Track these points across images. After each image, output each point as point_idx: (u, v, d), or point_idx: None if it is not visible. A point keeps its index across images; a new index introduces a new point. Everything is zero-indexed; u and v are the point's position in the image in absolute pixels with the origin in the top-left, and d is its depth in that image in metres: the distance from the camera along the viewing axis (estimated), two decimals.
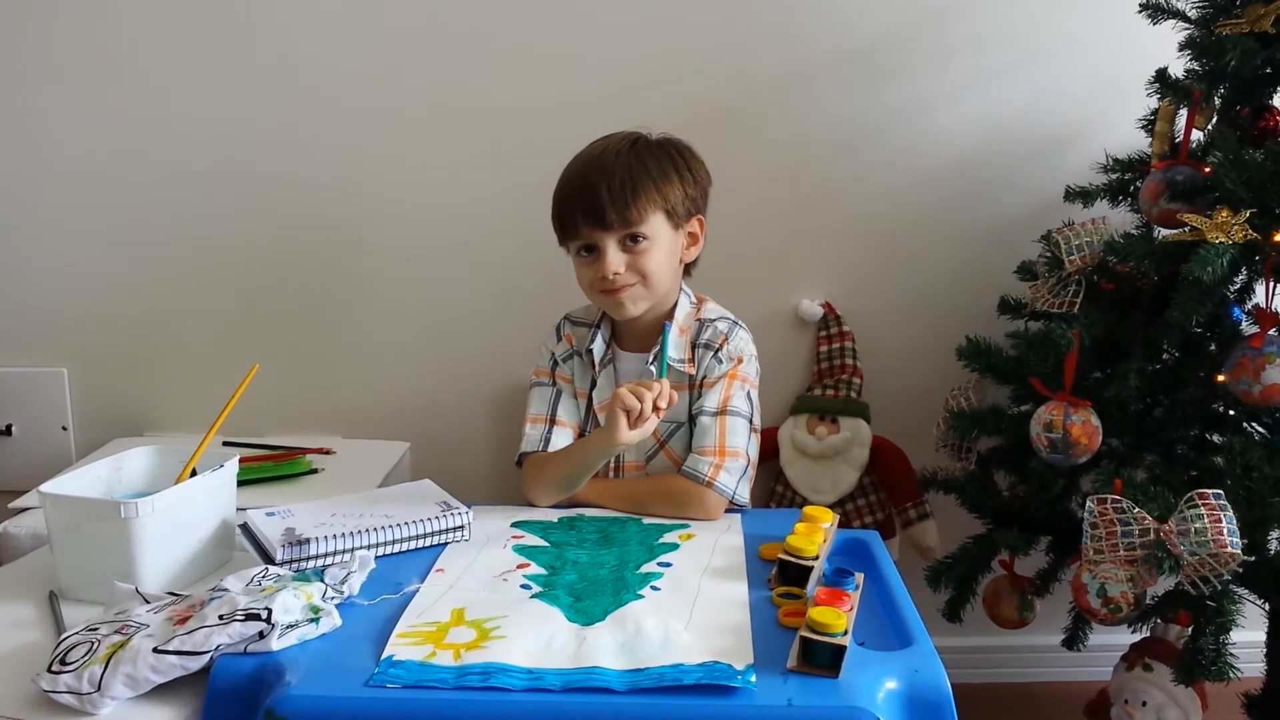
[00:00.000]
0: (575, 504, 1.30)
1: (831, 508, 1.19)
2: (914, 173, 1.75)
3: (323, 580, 0.99)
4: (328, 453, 1.60)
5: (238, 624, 0.89)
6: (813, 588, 1.01)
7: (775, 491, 1.80)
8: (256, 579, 0.98)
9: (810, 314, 1.78)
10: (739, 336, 1.36)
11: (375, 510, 1.17)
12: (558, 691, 0.84)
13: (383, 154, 1.72)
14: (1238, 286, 1.39)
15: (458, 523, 1.16)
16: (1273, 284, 1.30)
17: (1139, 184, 1.48)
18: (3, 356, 1.77)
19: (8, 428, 1.78)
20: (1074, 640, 1.54)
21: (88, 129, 1.70)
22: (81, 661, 0.86)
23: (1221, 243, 1.24)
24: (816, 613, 0.88)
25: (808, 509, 1.13)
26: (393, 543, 1.12)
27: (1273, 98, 1.41)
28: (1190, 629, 1.29)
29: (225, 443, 1.48)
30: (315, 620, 0.93)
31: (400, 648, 0.90)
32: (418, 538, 1.14)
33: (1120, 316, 1.45)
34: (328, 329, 1.79)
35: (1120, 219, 1.54)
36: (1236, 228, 1.25)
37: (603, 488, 1.32)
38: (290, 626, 0.91)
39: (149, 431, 1.79)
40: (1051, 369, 1.41)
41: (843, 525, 1.25)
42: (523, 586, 1.03)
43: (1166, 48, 1.44)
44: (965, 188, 1.76)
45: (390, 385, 1.80)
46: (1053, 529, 1.51)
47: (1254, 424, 1.43)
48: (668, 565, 1.09)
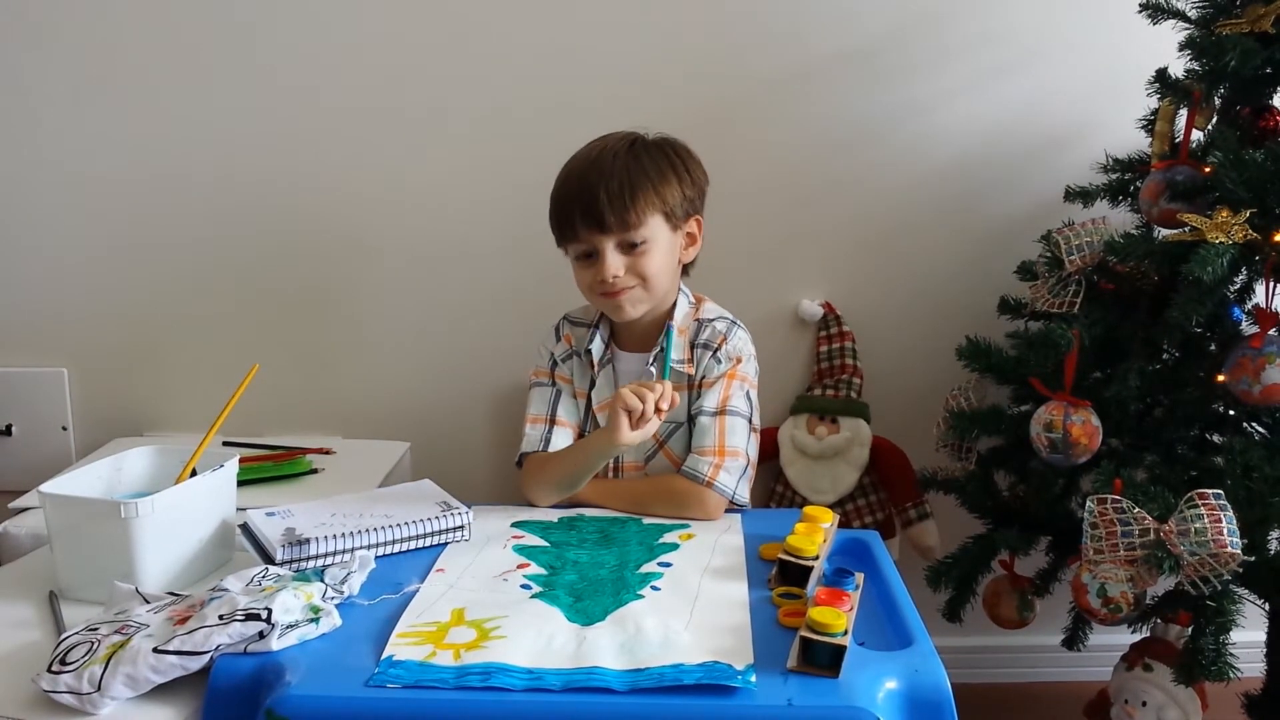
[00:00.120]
0: (575, 504, 1.30)
1: (831, 508, 1.19)
2: (914, 173, 1.75)
3: (323, 580, 0.99)
4: (328, 453, 1.60)
5: (238, 624, 0.89)
6: (813, 588, 1.01)
7: (775, 491, 1.80)
8: (256, 579, 0.98)
9: (810, 314, 1.78)
10: (737, 336, 1.36)
11: (375, 510, 1.17)
12: (558, 691, 0.84)
13: (383, 155, 1.72)
14: (1238, 286, 1.39)
15: (458, 523, 1.16)
16: (1273, 284, 1.30)
17: (1139, 184, 1.48)
18: (3, 356, 1.77)
19: (8, 428, 1.78)
20: (1074, 640, 1.54)
21: (88, 129, 1.70)
22: (81, 661, 0.86)
23: (1221, 243, 1.24)
24: (816, 613, 0.88)
25: (808, 509, 1.13)
26: (393, 543, 1.12)
27: (1273, 98, 1.41)
28: (1190, 629, 1.29)
29: (225, 443, 1.48)
30: (315, 620, 0.93)
31: (400, 648, 0.90)
32: (418, 538, 1.14)
33: (1120, 316, 1.44)
34: (328, 329, 1.79)
35: (1120, 219, 1.54)
36: (1236, 228, 1.25)
37: (602, 488, 1.32)
38: (290, 626, 0.91)
39: (149, 431, 1.79)
40: (1051, 369, 1.41)
41: (843, 525, 1.25)
42: (523, 586, 1.03)
43: (1166, 48, 1.44)
44: (965, 188, 1.76)
45: (390, 385, 1.80)
46: (1053, 529, 1.51)
47: (1254, 424, 1.43)
48: (668, 565, 1.09)
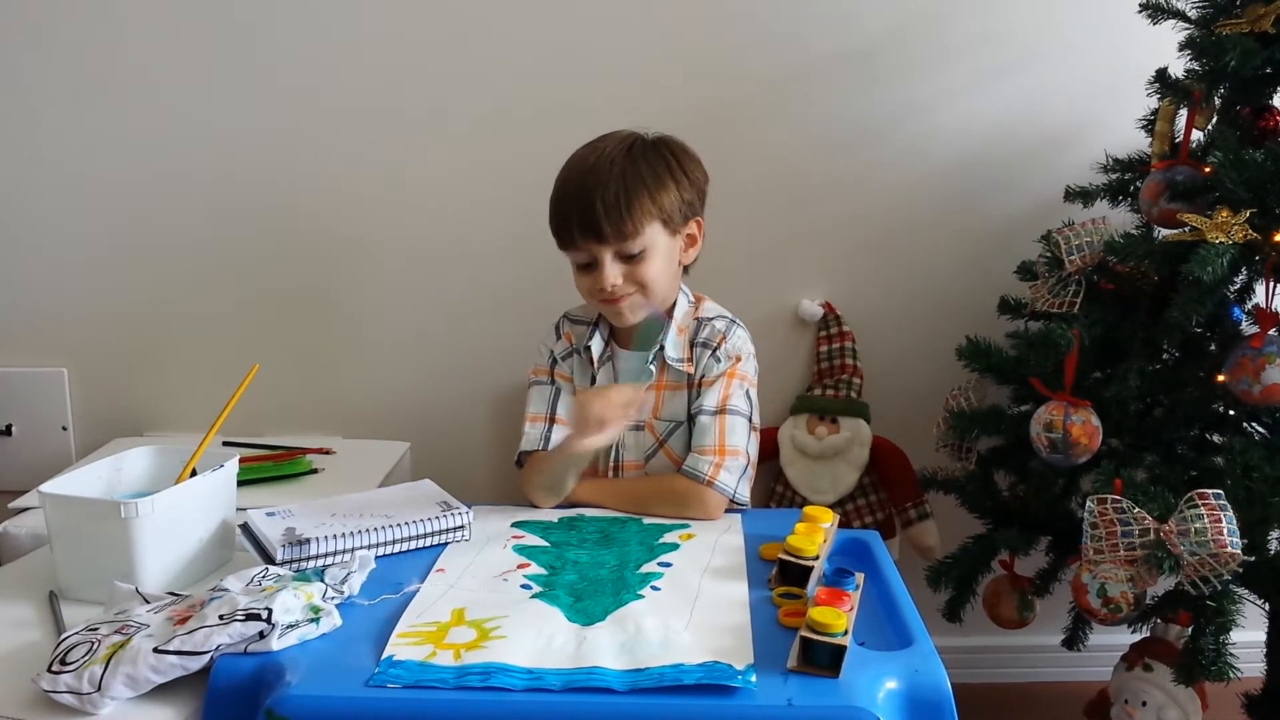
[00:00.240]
0: (575, 504, 1.30)
1: (831, 508, 1.19)
2: (914, 173, 1.75)
3: (323, 580, 0.99)
4: (328, 453, 1.60)
5: (238, 624, 0.88)
6: (813, 588, 1.01)
7: (775, 491, 1.80)
8: (256, 579, 0.98)
9: (810, 314, 1.78)
10: (737, 335, 1.36)
11: (375, 510, 1.16)
12: (558, 691, 0.84)
13: (383, 155, 1.72)
14: (1238, 286, 1.39)
15: (458, 523, 1.16)
16: (1273, 284, 1.30)
17: (1139, 184, 1.48)
18: (3, 356, 1.77)
19: (8, 428, 1.78)
20: (1074, 640, 1.54)
21: (88, 129, 1.70)
22: (82, 661, 0.86)
23: (1221, 243, 1.24)
24: (816, 613, 0.88)
25: (808, 509, 1.13)
26: (393, 543, 1.12)
27: (1273, 98, 1.41)
28: (1190, 629, 1.29)
29: (225, 443, 1.48)
30: (315, 620, 0.93)
31: (400, 648, 0.90)
32: (418, 538, 1.14)
33: (1120, 316, 1.44)
34: (328, 329, 1.79)
35: (1120, 219, 1.54)
36: (1236, 228, 1.25)
37: (602, 488, 1.32)
38: (290, 626, 0.91)
39: (149, 431, 1.79)
40: (1051, 369, 1.41)
41: (843, 525, 1.25)
42: (523, 586, 1.03)
43: (1166, 48, 1.44)
44: (965, 188, 1.76)
45: (390, 385, 1.80)
46: (1053, 529, 1.51)
47: (1254, 424, 1.43)
48: (668, 565, 1.09)
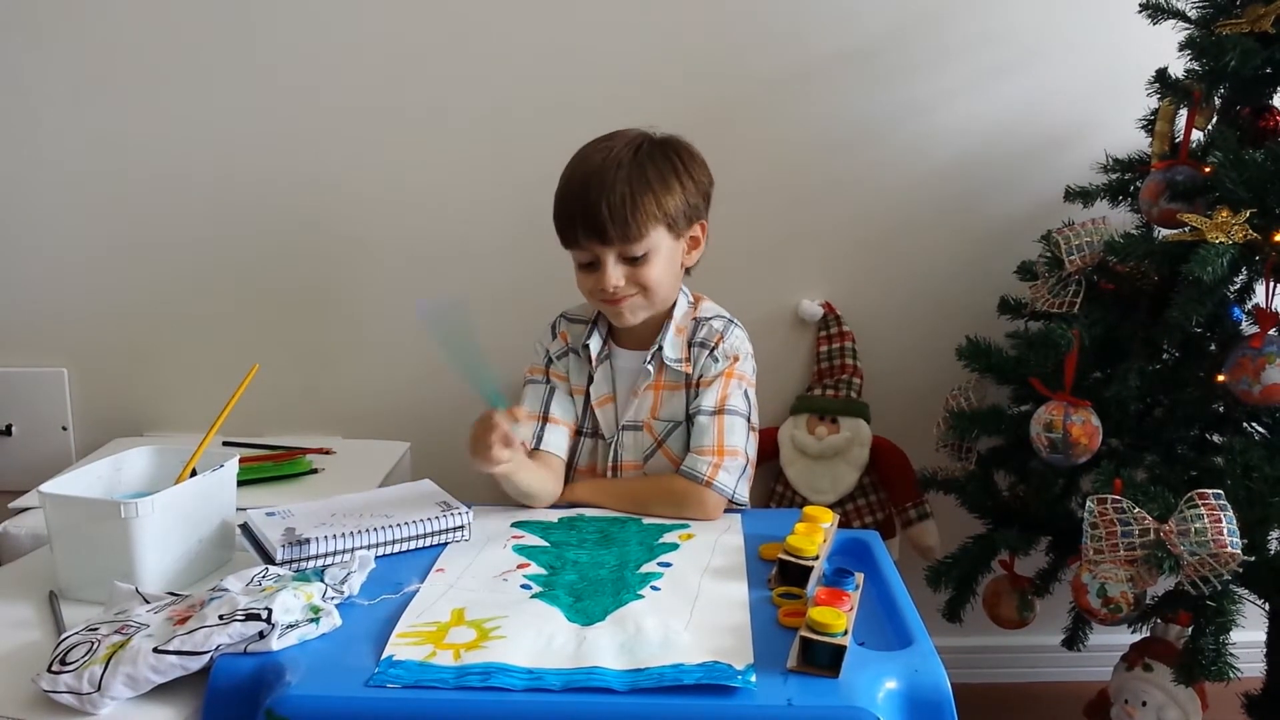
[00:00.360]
0: (575, 504, 1.30)
1: (831, 508, 1.19)
2: (914, 173, 1.75)
3: (323, 580, 0.99)
4: (328, 453, 1.60)
5: (238, 624, 0.88)
6: (813, 588, 1.01)
7: (775, 491, 1.80)
8: (256, 579, 0.98)
9: (810, 314, 1.78)
10: (734, 334, 1.36)
11: (375, 510, 1.16)
12: (558, 691, 0.84)
13: (383, 155, 1.73)
14: (1238, 286, 1.39)
15: (458, 523, 1.16)
16: (1273, 284, 1.30)
17: (1139, 184, 1.48)
18: (3, 356, 1.78)
19: (8, 428, 1.78)
20: (1074, 640, 1.54)
21: (88, 129, 1.71)
22: (81, 661, 0.86)
23: (1221, 243, 1.24)
24: (816, 613, 0.88)
25: (808, 509, 1.13)
26: (393, 543, 1.12)
27: (1273, 98, 1.42)
28: (1190, 629, 1.29)
29: (225, 443, 1.48)
30: (315, 620, 0.93)
31: (400, 648, 0.90)
32: (418, 538, 1.14)
33: (1120, 316, 1.45)
34: (328, 329, 1.79)
35: (1120, 219, 1.54)
36: (1236, 228, 1.25)
37: (602, 488, 1.32)
38: (290, 626, 0.91)
39: (149, 431, 1.79)
40: (1051, 369, 1.41)
41: (843, 525, 1.25)
42: (523, 586, 1.03)
43: (1166, 48, 1.44)
44: (965, 188, 1.76)
45: (390, 385, 1.80)
46: (1053, 529, 1.51)
47: (1254, 424, 1.43)
48: (668, 565, 1.09)
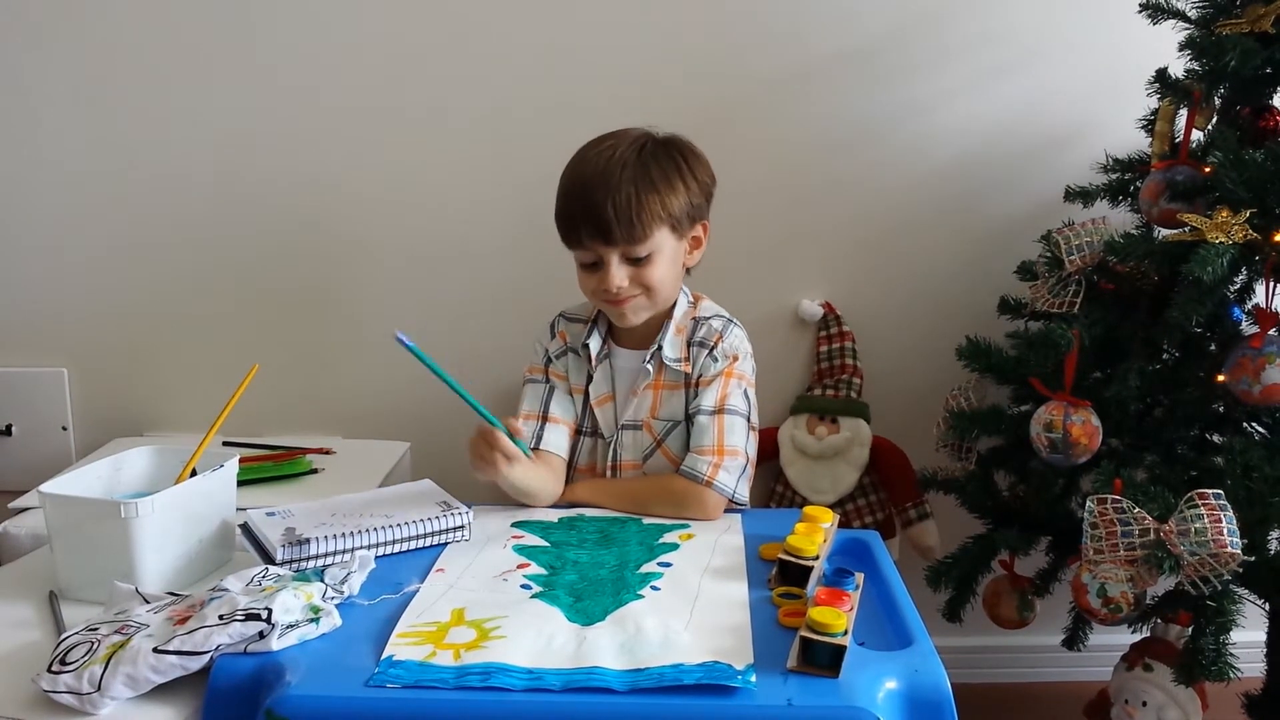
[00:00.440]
0: (575, 504, 1.30)
1: (831, 508, 1.19)
2: (914, 173, 1.75)
3: (323, 580, 0.99)
4: (328, 453, 1.61)
5: (238, 624, 0.88)
6: (813, 588, 1.01)
7: (775, 491, 1.80)
8: (256, 579, 0.98)
9: (810, 314, 1.78)
10: (734, 334, 1.36)
11: (375, 510, 1.16)
12: (558, 691, 0.84)
13: (383, 155, 1.73)
14: (1238, 286, 1.39)
15: (458, 523, 1.16)
16: (1273, 284, 1.30)
17: (1139, 184, 1.48)
18: (3, 356, 1.78)
19: (8, 428, 1.78)
20: (1074, 640, 1.54)
21: (88, 129, 1.71)
22: (81, 661, 0.86)
23: (1221, 243, 1.24)
24: (816, 613, 0.88)
25: (808, 509, 1.13)
26: (393, 543, 1.12)
27: (1273, 98, 1.42)
28: (1190, 629, 1.29)
29: (225, 443, 1.48)
30: (315, 620, 0.93)
31: (400, 648, 0.90)
32: (418, 538, 1.14)
33: (1120, 316, 1.45)
34: (328, 329, 1.79)
35: (1120, 219, 1.54)
36: (1236, 228, 1.25)
37: (602, 488, 1.32)
38: (290, 626, 0.91)
39: (149, 431, 1.79)
40: (1051, 369, 1.41)
41: (843, 525, 1.25)
42: (523, 586, 1.03)
43: (1166, 48, 1.44)
44: (965, 188, 1.76)
45: (390, 385, 1.80)
46: (1053, 529, 1.51)
47: (1254, 424, 1.43)
48: (668, 565, 1.09)
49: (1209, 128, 1.45)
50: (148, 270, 1.75)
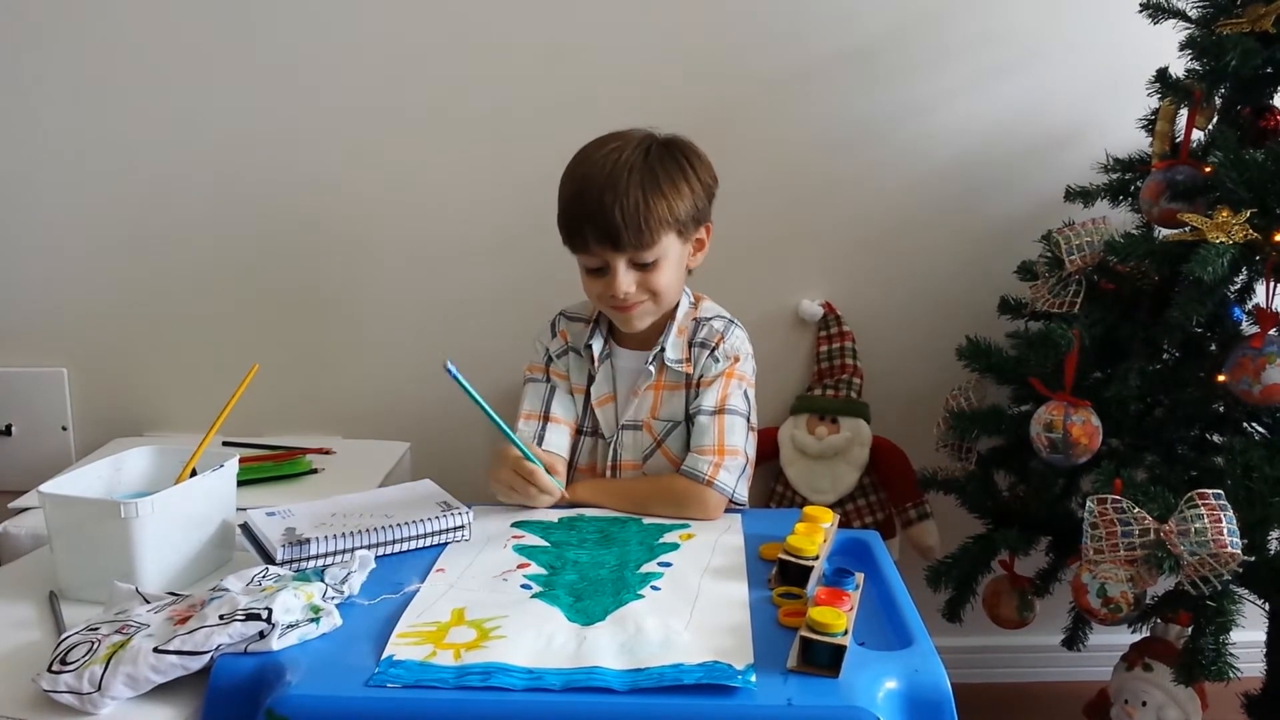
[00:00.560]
0: (575, 504, 1.30)
1: (831, 508, 1.19)
2: (914, 173, 1.75)
3: (323, 580, 0.99)
4: (328, 453, 1.60)
5: (238, 624, 0.88)
6: (813, 588, 1.01)
7: (775, 491, 1.80)
8: (257, 579, 0.98)
9: (810, 314, 1.78)
10: (735, 335, 1.36)
11: (375, 510, 1.16)
12: (558, 691, 0.84)
13: (383, 155, 1.73)
14: (1238, 286, 1.39)
15: (458, 522, 1.16)
16: (1273, 284, 1.30)
17: (1139, 184, 1.48)
18: (3, 356, 1.78)
19: (7, 428, 1.78)
20: (1074, 640, 1.54)
21: (88, 129, 1.70)
22: (82, 661, 0.86)
23: (1222, 242, 1.24)
24: (816, 613, 0.88)
25: (808, 509, 1.13)
26: (393, 543, 1.12)
27: (1273, 97, 1.42)
28: (1190, 629, 1.29)
29: (225, 443, 1.48)
30: (315, 620, 0.93)
31: (400, 647, 0.90)
32: (418, 538, 1.14)
33: (1120, 316, 1.45)
34: (328, 329, 1.79)
35: (1120, 219, 1.54)
36: (1237, 228, 1.25)
37: (602, 488, 1.32)
38: (290, 626, 0.91)
39: (149, 431, 1.79)
40: (1051, 369, 1.41)
41: (843, 525, 1.25)
42: (523, 586, 1.03)
43: (1167, 47, 1.44)
44: (965, 188, 1.76)
45: (390, 385, 1.80)
46: (1053, 529, 1.51)
47: (1254, 424, 1.43)
48: (668, 565, 1.09)
49: (1209, 127, 1.45)
50: (148, 270, 1.75)
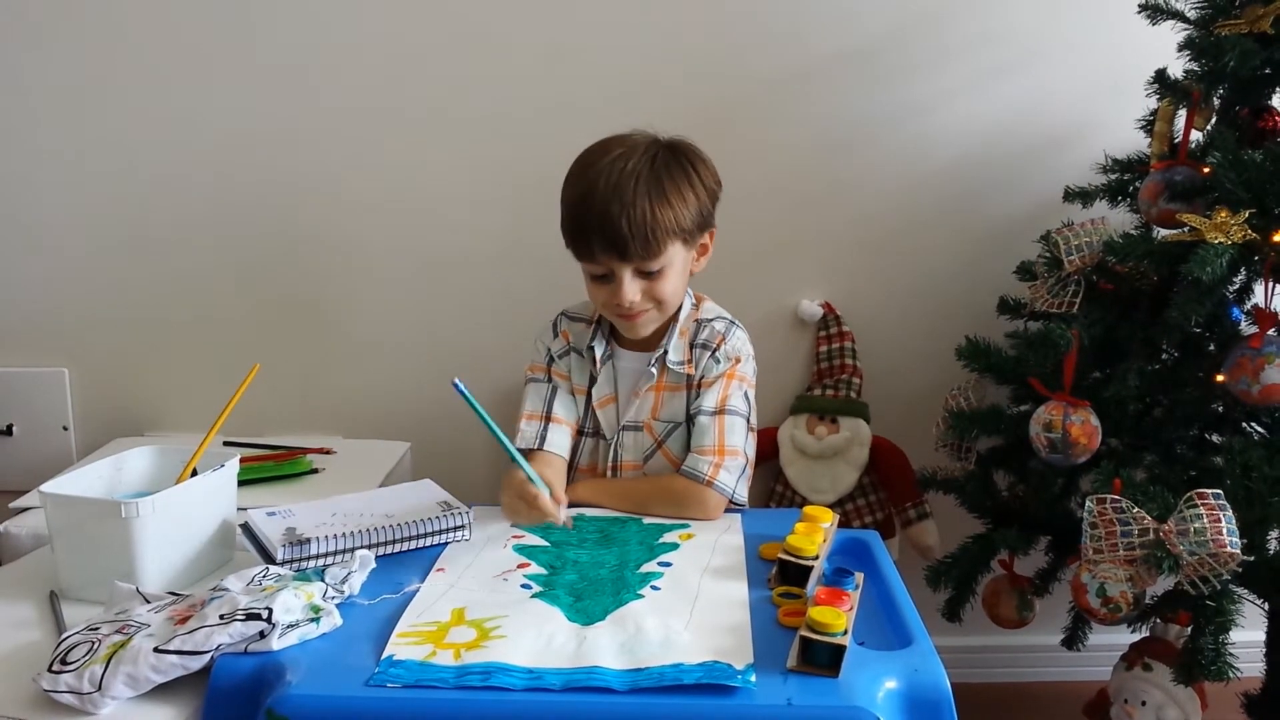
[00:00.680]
0: (575, 504, 1.30)
1: (831, 507, 1.19)
2: (914, 173, 1.75)
3: (323, 580, 0.99)
4: (328, 453, 1.60)
5: (238, 623, 0.89)
6: (813, 587, 1.01)
7: (775, 491, 1.80)
8: (257, 579, 0.98)
9: (810, 314, 1.78)
10: (736, 336, 1.36)
11: (375, 510, 1.17)
12: (558, 691, 0.84)
13: (383, 156, 1.73)
14: (1237, 286, 1.39)
15: (458, 522, 1.16)
16: (1272, 284, 1.30)
17: (1138, 184, 1.48)
18: (3, 356, 1.78)
19: (8, 428, 1.78)
20: (1073, 640, 1.55)
21: (88, 129, 1.71)
22: (82, 661, 0.86)
23: (1220, 243, 1.24)
24: (816, 612, 0.88)
25: (807, 509, 1.13)
26: (393, 542, 1.12)
27: (1272, 98, 1.42)
28: (1190, 629, 1.30)
29: (226, 443, 1.48)
30: (316, 620, 0.93)
31: (400, 647, 0.90)
32: (418, 538, 1.14)
33: (1119, 316, 1.45)
34: (328, 329, 1.79)
35: (1119, 219, 1.54)
36: (1235, 228, 1.25)
37: (602, 488, 1.32)
38: (291, 626, 0.91)
39: (149, 431, 1.79)
40: (1051, 369, 1.42)
41: (842, 525, 1.25)
42: (523, 586, 1.04)
43: (1166, 48, 1.44)
44: (965, 188, 1.76)
45: (390, 385, 1.80)
46: (1052, 529, 1.51)
47: (1253, 424, 1.43)
48: (668, 565, 1.09)
49: (1208, 128, 1.45)
50: (148, 270, 1.75)
